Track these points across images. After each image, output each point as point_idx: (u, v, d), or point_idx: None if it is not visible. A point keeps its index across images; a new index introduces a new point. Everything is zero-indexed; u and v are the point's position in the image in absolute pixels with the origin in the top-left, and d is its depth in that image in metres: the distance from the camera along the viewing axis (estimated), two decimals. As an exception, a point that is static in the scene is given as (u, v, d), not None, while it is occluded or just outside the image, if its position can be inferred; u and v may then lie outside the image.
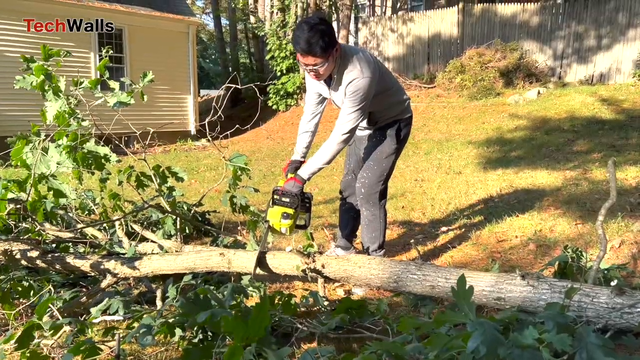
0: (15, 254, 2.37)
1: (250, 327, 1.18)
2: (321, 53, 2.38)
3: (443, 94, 13.09)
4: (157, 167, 3.60)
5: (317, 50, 2.37)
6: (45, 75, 2.83)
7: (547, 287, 2.01)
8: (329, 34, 2.38)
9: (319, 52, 2.38)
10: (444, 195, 5.29)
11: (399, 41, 15.44)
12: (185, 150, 12.52)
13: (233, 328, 1.18)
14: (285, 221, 2.49)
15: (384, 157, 2.81)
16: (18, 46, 10.80)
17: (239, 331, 1.17)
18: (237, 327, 1.17)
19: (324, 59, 2.41)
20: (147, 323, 1.45)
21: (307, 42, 2.36)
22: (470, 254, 3.34)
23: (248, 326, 1.18)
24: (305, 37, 2.35)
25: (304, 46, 2.37)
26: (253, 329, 1.18)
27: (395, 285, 2.33)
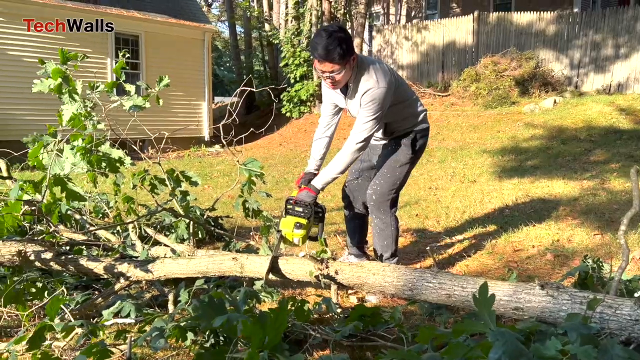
0: (29, 256, 2.37)
1: (268, 332, 1.15)
2: (339, 60, 2.39)
3: (457, 102, 13.02)
4: (171, 170, 3.61)
5: (334, 56, 2.38)
6: (62, 78, 2.85)
7: (568, 297, 1.95)
8: (346, 42, 2.39)
9: (337, 58, 2.38)
10: (459, 204, 5.23)
11: (413, 49, 15.41)
12: (199, 156, 12.57)
13: (251, 332, 1.15)
14: (297, 231, 2.47)
15: (398, 165, 2.78)
16: (34, 51, 10.95)
17: (257, 336, 1.15)
18: (255, 331, 1.15)
19: (341, 66, 2.42)
20: (160, 326, 1.43)
21: (325, 49, 2.36)
22: (486, 263, 3.29)
23: (265, 331, 1.15)
24: (324, 43, 2.36)
25: (322, 52, 2.38)
26: (270, 334, 1.16)
27: (410, 293, 2.29)
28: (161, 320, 1.48)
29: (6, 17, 10.66)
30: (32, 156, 2.31)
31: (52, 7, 11.20)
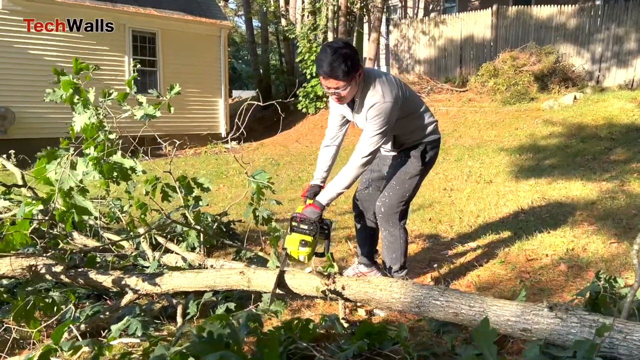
0: (40, 269, 2.41)
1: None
2: (343, 76, 2.38)
3: (475, 98, 12.85)
4: (182, 177, 3.63)
5: (339, 73, 2.37)
6: (74, 90, 2.87)
7: (577, 320, 1.92)
8: (351, 58, 2.38)
9: (341, 75, 2.37)
10: (473, 207, 5.17)
11: (431, 44, 15.24)
12: (216, 152, 12.64)
13: None
14: (303, 249, 2.46)
15: (408, 178, 2.75)
16: (53, 50, 11.10)
17: None
18: None
19: (346, 82, 2.40)
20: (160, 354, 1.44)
21: (329, 66, 2.36)
22: (498, 273, 3.24)
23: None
24: (329, 60, 2.35)
25: (327, 69, 2.37)
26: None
27: (417, 310, 2.27)
28: (162, 348, 1.49)
29: (25, 16, 10.81)
30: (37, 174, 2.34)
31: (70, 5, 11.32)
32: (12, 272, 2.37)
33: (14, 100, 10.57)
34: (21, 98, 10.65)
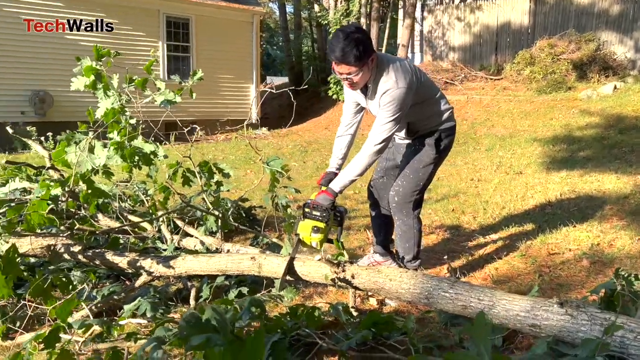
0: (59, 249, 2.49)
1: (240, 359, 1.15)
2: (355, 62, 2.35)
3: (510, 86, 12.53)
4: (204, 162, 3.68)
5: (350, 59, 2.34)
6: (95, 75, 2.93)
7: (587, 318, 1.86)
8: (363, 43, 2.34)
9: (353, 60, 2.34)
10: (499, 199, 5.06)
11: (466, 30, 14.90)
12: (246, 138, 12.73)
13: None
14: (315, 235, 2.45)
15: (422, 166, 2.71)
16: (91, 35, 11.34)
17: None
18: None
19: (358, 68, 2.37)
20: (160, 335, 1.47)
21: (341, 51, 2.33)
22: (516, 266, 3.18)
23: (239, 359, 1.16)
24: (340, 45, 2.33)
25: (338, 54, 2.35)
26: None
27: (426, 301, 2.25)
28: (162, 330, 1.52)
29: (64, 3, 11.06)
30: (56, 157, 2.41)
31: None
32: (32, 251, 2.46)
33: (53, 84, 10.87)
34: (59, 82, 10.93)
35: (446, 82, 13.61)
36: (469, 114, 11.62)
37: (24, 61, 10.57)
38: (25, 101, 10.75)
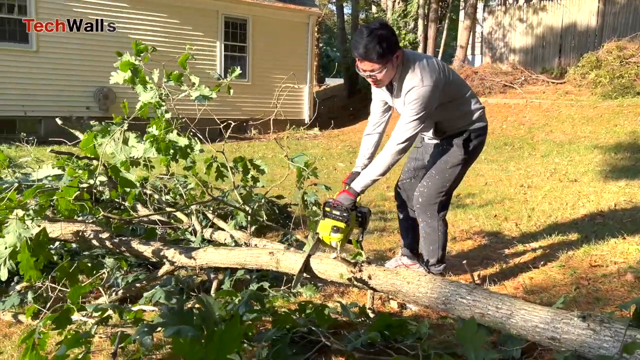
0: (88, 236, 2.59)
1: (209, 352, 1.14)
2: (378, 59, 2.30)
3: (573, 90, 11.94)
4: (239, 159, 3.73)
5: (373, 56, 2.30)
6: (132, 70, 3.03)
7: (611, 334, 1.73)
8: (387, 40, 2.29)
9: (375, 57, 2.30)
10: (547, 206, 4.82)
11: (528, 32, 14.35)
12: (297, 138, 12.85)
13: (184, 352, 1.15)
14: (335, 235, 2.41)
15: (448, 167, 2.62)
16: (154, 33, 11.78)
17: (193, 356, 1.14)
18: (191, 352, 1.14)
19: (382, 65, 2.32)
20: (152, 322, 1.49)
21: (364, 47, 2.30)
22: (553, 277, 3.01)
23: (207, 351, 1.14)
24: (363, 42, 2.29)
25: (361, 51, 2.31)
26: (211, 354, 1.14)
27: (443, 307, 2.17)
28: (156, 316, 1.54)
29: (129, 3, 11.57)
30: (84, 145, 2.51)
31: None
32: (62, 236, 2.58)
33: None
34: (122, 79, 11.45)
35: (505, 85, 13.16)
36: (527, 118, 11.18)
37: (90, 58, 11.11)
38: (90, 97, 11.32)
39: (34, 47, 10.65)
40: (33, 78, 10.66)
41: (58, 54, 10.90)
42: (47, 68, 10.79)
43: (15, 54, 10.48)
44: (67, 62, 10.99)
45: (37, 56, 10.70)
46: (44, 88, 10.82)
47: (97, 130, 2.71)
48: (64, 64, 10.99)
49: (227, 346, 1.14)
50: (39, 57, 10.73)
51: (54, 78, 10.89)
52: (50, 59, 10.83)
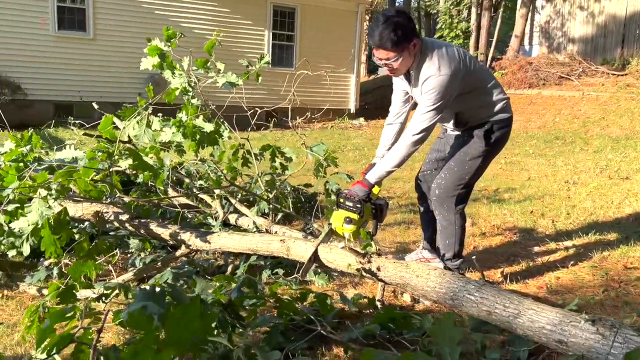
0: (110, 217, 2.68)
1: (170, 328, 1.14)
2: (392, 47, 2.24)
3: (635, 83, 11.27)
4: (267, 146, 3.74)
5: (388, 44, 2.24)
6: (159, 56, 3.09)
7: (621, 340, 1.62)
8: (403, 27, 2.23)
9: (390, 45, 2.25)
10: (590, 204, 4.59)
11: (588, 20, 13.62)
12: (342, 128, 12.80)
13: (137, 326, 1.16)
14: (347, 226, 2.37)
15: (468, 159, 2.52)
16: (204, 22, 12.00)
17: (150, 334, 1.15)
18: (144, 326, 1.15)
19: (397, 53, 2.26)
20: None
21: (379, 35, 2.25)
22: (582, 277, 2.86)
23: (166, 327, 1.14)
24: (379, 30, 2.25)
25: (376, 39, 2.27)
26: (172, 330, 1.14)
27: (451, 302, 2.10)
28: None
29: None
30: (102, 128, 2.58)
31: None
32: (84, 216, 2.68)
33: (166, 69, 11.72)
34: (172, 67, 11.76)
35: (560, 77, 12.59)
36: (581, 111, 10.67)
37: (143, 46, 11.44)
38: (143, 84, 11.68)
39: (90, 34, 11.09)
40: (89, 65, 11.11)
41: (113, 41, 11.31)
42: (102, 55, 11.22)
43: (73, 41, 10.96)
44: (121, 49, 11.37)
45: (93, 44, 11.15)
46: (99, 74, 11.27)
47: (121, 113, 2.79)
48: (118, 51, 11.38)
49: (185, 324, 1.15)
50: (96, 44, 11.17)
51: (108, 65, 11.32)
52: (105, 47, 11.25)
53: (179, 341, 1.15)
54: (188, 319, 1.16)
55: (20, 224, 2.27)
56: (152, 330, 1.14)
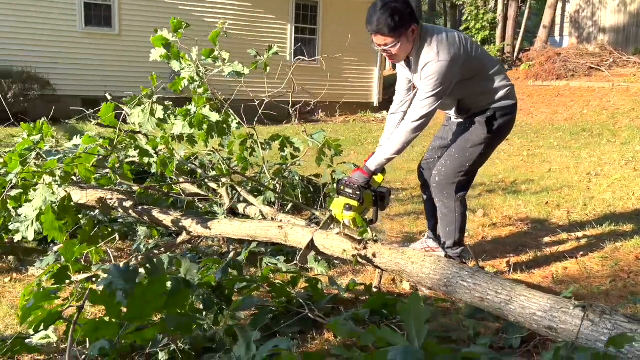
0: (114, 203, 2.74)
1: (133, 303, 1.16)
2: (389, 32, 2.23)
3: (668, 73, 10.88)
4: (276, 136, 3.76)
5: (384, 29, 2.24)
6: (164, 46, 3.13)
7: (610, 327, 1.58)
8: (400, 13, 2.21)
9: (387, 31, 2.24)
10: (609, 195, 4.46)
11: (620, 9, 13.20)
12: (364, 121, 12.75)
13: (101, 302, 1.18)
14: (347, 213, 2.37)
15: (469, 146, 2.47)
16: (227, 17, 12.09)
17: (112, 309, 1.17)
18: (107, 302, 1.17)
19: (394, 38, 2.25)
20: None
21: (376, 21, 2.26)
22: (591, 268, 2.79)
23: (128, 304, 1.16)
24: (377, 15, 2.25)
25: (373, 25, 2.27)
26: (135, 306, 1.16)
27: (445, 289, 2.08)
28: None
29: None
30: (103, 115, 2.63)
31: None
32: (89, 202, 2.74)
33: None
34: (195, 62, 11.91)
35: (590, 68, 12.24)
36: (611, 102, 10.36)
37: (167, 42, 11.63)
38: (166, 79, 11.83)
39: (116, 30, 11.31)
40: (115, 60, 11.33)
41: (138, 37, 11.48)
42: (127, 51, 11.42)
43: (100, 37, 11.20)
44: (146, 45, 11.38)
45: (119, 39, 11.37)
46: (124, 70, 11.48)
47: (126, 101, 2.84)
48: (143, 46, 11.51)
49: (147, 302, 1.17)
50: (121, 40, 11.38)
51: (133, 60, 11.51)
52: (130, 42, 11.45)
53: (140, 316, 1.17)
54: (151, 296, 1.18)
55: (25, 210, 2.34)
56: (114, 305, 1.17)
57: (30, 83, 10.12)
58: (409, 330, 1.26)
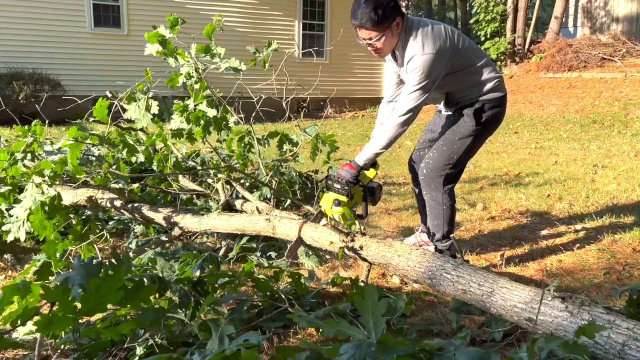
0: (102, 202, 2.77)
1: (87, 299, 1.16)
2: (372, 26, 2.22)
3: (683, 62, 10.66)
4: (275, 133, 3.76)
5: (368, 23, 2.22)
6: (159, 42, 3.15)
7: (589, 318, 1.56)
8: (384, 7, 2.20)
9: (370, 25, 2.22)
10: (614, 187, 4.39)
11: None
12: (373, 117, 12.69)
13: (54, 298, 1.19)
14: (336, 208, 2.36)
15: (457, 138, 2.45)
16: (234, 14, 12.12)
17: (66, 305, 1.18)
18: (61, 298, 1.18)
19: (378, 32, 2.24)
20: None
21: (360, 15, 2.24)
22: (586, 260, 2.75)
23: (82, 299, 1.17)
24: (360, 9, 2.24)
25: (357, 19, 2.26)
26: (88, 300, 1.17)
27: (429, 282, 2.07)
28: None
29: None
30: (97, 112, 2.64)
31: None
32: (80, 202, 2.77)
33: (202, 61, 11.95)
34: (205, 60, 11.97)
35: (603, 59, 12.04)
36: (623, 93, 10.18)
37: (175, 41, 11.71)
38: (175, 77, 11.95)
39: (125, 30, 11.41)
40: (124, 60, 11.43)
41: (146, 37, 11.60)
42: (136, 50, 11.50)
43: (109, 38, 11.31)
44: (154, 44, 11.63)
45: (128, 39, 11.47)
46: (133, 69, 11.56)
47: (122, 96, 2.86)
48: (152, 46, 11.67)
49: (102, 296, 1.17)
50: (130, 40, 11.48)
51: (142, 60, 11.58)
52: (139, 42, 11.50)
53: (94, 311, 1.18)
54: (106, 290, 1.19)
55: (16, 210, 2.38)
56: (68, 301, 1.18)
57: (41, 84, 10.26)
58: (366, 324, 1.25)
